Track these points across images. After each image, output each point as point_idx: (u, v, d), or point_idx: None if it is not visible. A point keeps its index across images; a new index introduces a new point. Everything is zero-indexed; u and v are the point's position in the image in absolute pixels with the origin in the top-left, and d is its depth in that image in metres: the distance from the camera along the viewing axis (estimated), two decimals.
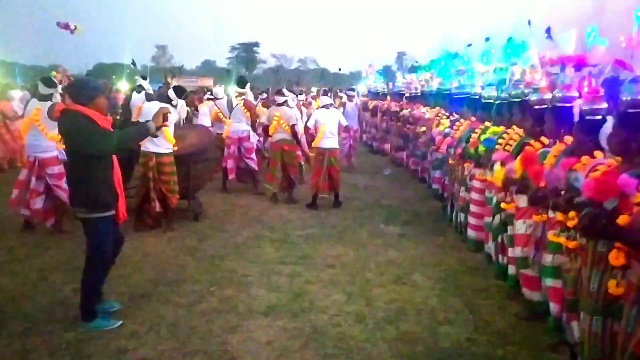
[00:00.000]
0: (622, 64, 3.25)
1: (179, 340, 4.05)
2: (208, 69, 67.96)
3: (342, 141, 11.24)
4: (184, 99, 7.99)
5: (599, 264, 2.80)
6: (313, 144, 8.60)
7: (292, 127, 8.51)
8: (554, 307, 3.77)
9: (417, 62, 14.12)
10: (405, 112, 11.20)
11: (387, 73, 17.28)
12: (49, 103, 6.33)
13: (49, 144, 6.39)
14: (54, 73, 11.00)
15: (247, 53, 78.20)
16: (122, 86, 14.48)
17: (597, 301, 2.79)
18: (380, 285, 5.19)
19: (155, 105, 6.29)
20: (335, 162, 8.47)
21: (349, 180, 10.17)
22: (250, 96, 9.86)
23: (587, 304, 2.86)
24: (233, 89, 10.62)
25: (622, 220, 2.47)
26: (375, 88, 17.80)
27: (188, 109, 10.17)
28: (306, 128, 8.85)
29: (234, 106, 9.37)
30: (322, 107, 8.87)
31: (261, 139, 10.21)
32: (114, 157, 4.21)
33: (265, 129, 8.88)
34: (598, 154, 3.22)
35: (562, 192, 3.24)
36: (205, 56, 74.83)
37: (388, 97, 15.02)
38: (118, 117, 10.80)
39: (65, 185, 6.25)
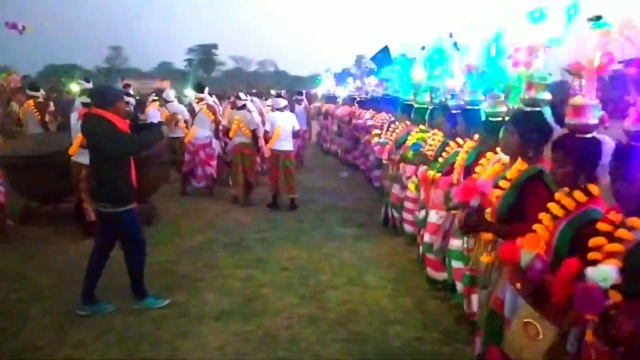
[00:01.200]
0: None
1: (128, 348, 3.99)
2: (165, 70, 66.82)
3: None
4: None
5: (486, 245, 3.27)
6: (268, 146, 8.67)
7: (253, 131, 8.62)
8: (460, 286, 4.12)
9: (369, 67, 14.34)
10: (359, 121, 11.39)
11: (342, 77, 17.42)
12: None
13: None
14: (3, 75, 10.64)
15: (205, 55, 77.36)
16: (74, 87, 14.12)
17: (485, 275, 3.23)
18: (333, 287, 5.24)
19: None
20: (290, 165, 8.59)
21: (305, 183, 10.21)
22: (209, 100, 9.82)
23: (479, 279, 3.36)
24: (192, 92, 10.55)
25: (488, 214, 3.13)
26: (329, 92, 17.99)
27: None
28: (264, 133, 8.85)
29: (196, 111, 9.33)
30: (277, 109, 8.92)
31: (222, 143, 10.17)
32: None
33: (226, 132, 8.89)
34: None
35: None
36: (161, 58, 73.46)
37: (339, 100, 15.20)
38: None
39: (1, 188, 6.34)
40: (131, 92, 9.64)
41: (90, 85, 9.84)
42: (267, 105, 11.49)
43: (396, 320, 4.52)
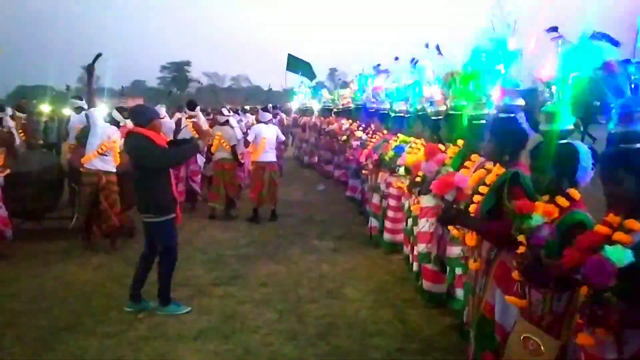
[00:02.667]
0: None
1: None
2: (138, 89, 66.19)
3: None
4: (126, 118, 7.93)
5: (472, 250, 3.30)
6: (252, 158, 8.83)
7: (233, 147, 8.76)
8: (461, 292, 4.12)
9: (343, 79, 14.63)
10: (332, 127, 11.52)
11: (317, 89, 17.59)
12: None
13: None
14: None
15: (178, 72, 76.85)
16: (45, 108, 13.90)
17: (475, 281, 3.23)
18: (312, 301, 5.22)
19: (104, 126, 6.78)
20: (275, 176, 8.77)
21: (282, 196, 10.12)
22: (201, 119, 9.84)
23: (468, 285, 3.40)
24: (172, 109, 10.57)
25: (471, 209, 3.16)
26: (305, 105, 18.14)
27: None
28: (247, 143, 9.02)
29: (181, 127, 9.32)
30: (261, 122, 9.09)
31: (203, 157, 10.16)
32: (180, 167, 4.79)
33: (207, 148, 8.94)
34: None
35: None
36: (134, 76, 72.61)
37: (315, 112, 15.32)
38: (41, 141, 10.41)
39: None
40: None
41: (83, 103, 9.83)
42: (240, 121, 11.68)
43: (376, 332, 4.51)
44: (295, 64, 18.76)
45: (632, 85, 2.24)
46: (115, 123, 6.97)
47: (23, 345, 4.31)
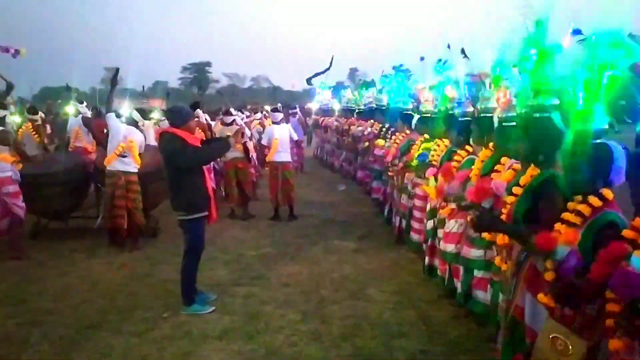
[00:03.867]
0: None
1: None
2: (160, 90, 66.90)
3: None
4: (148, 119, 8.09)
5: (501, 250, 3.29)
6: (267, 159, 8.91)
7: (244, 144, 8.85)
8: (485, 295, 4.18)
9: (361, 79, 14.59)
10: (354, 128, 11.45)
11: (337, 90, 17.54)
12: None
13: (3, 165, 6.52)
14: None
15: (199, 73, 77.52)
16: (69, 109, 14.11)
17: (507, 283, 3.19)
18: (335, 302, 5.20)
19: (121, 126, 7.00)
20: (289, 176, 8.79)
21: (303, 197, 10.18)
22: (202, 118, 9.89)
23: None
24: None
25: (504, 210, 3.11)
26: (326, 105, 18.08)
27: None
28: (262, 146, 9.20)
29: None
30: (273, 123, 9.13)
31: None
32: (204, 168, 5.05)
33: None
34: None
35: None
36: (156, 77, 73.43)
37: (336, 112, 15.27)
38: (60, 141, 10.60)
39: (21, 204, 6.66)
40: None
41: (84, 107, 10.03)
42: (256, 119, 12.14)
43: (400, 333, 4.48)
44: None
45: None
46: (134, 123, 7.17)
47: (50, 343, 4.37)
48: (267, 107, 19.31)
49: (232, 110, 9.54)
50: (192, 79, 76.69)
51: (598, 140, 2.54)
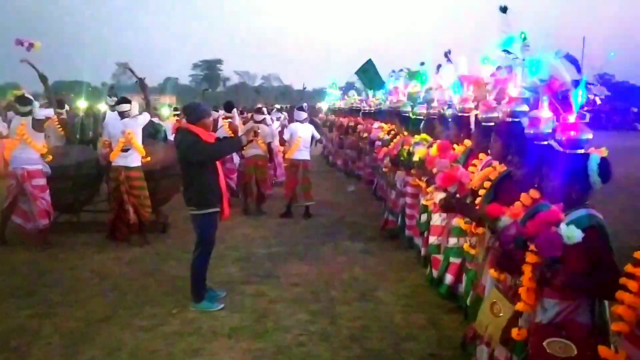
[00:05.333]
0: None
1: None
2: (170, 86, 67.15)
3: None
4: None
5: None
6: (286, 156, 9.10)
7: (269, 144, 9.10)
8: (450, 278, 4.79)
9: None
10: (360, 127, 11.54)
11: (347, 90, 17.59)
12: (30, 117, 6.79)
13: (35, 156, 6.75)
14: (14, 92, 10.79)
15: (210, 70, 77.77)
16: (81, 104, 14.20)
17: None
18: (345, 303, 5.19)
19: (118, 121, 7.07)
20: (308, 173, 8.98)
21: (313, 196, 10.15)
22: (236, 120, 10.07)
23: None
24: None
25: (477, 202, 3.60)
26: (334, 105, 18.17)
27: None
28: (282, 142, 9.38)
29: (218, 127, 9.51)
30: (296, 121, 9.30)
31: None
32: (218, 164, 5.10)
33: None
34: None
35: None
36: (167, 73, 73.73)
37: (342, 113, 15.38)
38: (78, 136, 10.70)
39: (48, 198, 6.83)
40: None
41: (113, 101, 10.18)
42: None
43: (410, 336, 4.46)
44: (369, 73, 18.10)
45: None
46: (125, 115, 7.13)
47: (61, 336, 4.40)
48: (277, 106, 19.33)
49: (263, 109, 9.78)
50: (203, 76, 76.93)
51: (544, 143, 2.82)
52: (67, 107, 11.44)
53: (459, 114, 4.89)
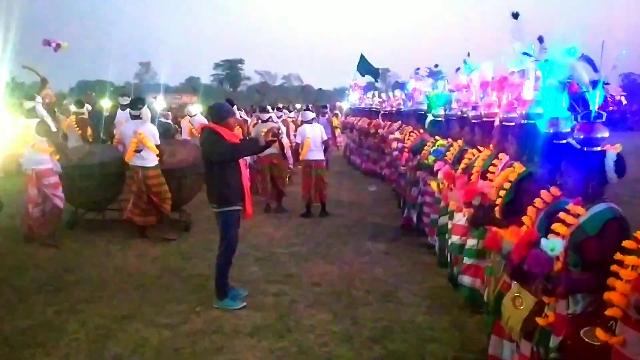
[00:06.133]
0: None
1: None
2: (192, 85, 67.78)
3: None
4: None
5: None
6: (300, 157, 9.18)
7: (280, 141, 8.88)
8: (470, 280, 4.68)
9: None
10: (381, 129, 11.53)
11: (366, 90, 17.57)
12: (35, 120, 6.80)
13: (43, 157, 6.79)
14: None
15: (231, 70, 78.21)
16: (104, 103, 14.41)
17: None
18: (367, 304, 5.18)
19: (129, 123, 7.30)
20: (322, 173, 9.04)
21: (333, 197, 10.16)
22: (237, 115, 10.10)
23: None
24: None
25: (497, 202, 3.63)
26: (355, 105, 18.15)
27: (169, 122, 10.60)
28: (296, 145, 9.41)
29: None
30: (305, 122, 9.38)
31: None
32: (242, 163, 5.18)
33: None
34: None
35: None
36: (189, 73, 74.47)
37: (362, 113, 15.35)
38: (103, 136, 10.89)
39: (61, 194, 6.94)
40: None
41: (126, 100, 10.35)
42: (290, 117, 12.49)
43: (433, 338, 4.43)
44: (364, 66, 18.29)
45: None
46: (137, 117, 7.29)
47: (87, 332, 4.47)
48: (298, 106, 19.38)
49: (268, 107, 9.78)
50: (225, 76, 77.42)
51: (563, 141, 2.86)
52: (88, 106, 11.63)
53: (484, 119, 4.83)
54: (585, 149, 2.61)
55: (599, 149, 2.61)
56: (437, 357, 4.12)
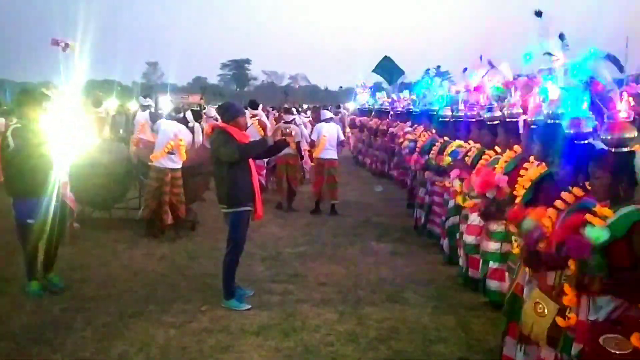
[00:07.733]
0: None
1: None
2: (199, 85, 67.99)
3: None
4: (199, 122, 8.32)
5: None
6: (314, 155, 9.36)
7: (297, 143, 9.26)
8: (498, 285, 4.69)
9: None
10: (392, 129, 11.53)
11: (375, 90, 17.55)
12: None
13: None
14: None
15: (238, 70, 78.42)
16: (111, 103, 14.45)
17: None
18: (372, 304, 5.17)
19: (171, 125, 7.31)
20: (334, 172, 9.14)
21: (340, 197, 10.10)
22: (263, 117, 10.31)
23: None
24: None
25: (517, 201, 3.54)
26: (364, 105, 18.13)
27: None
28: (312, 142, 9.63)
29: (247, 126, 9.67)
30: (322, 120, 9.52)
31: None
32: (252, 164, 5.16)
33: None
34: None
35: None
36: (196, 73, 74.68)
37: (372, 113, 15.32)
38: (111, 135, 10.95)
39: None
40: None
41: (149, 101, 10.55)
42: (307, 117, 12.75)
43: (439, 339, 4.41)
44: (387, 67, 17.51)
45: None
46: (185, 122, 7.47)
47: (93, 330, 4.48)
48: (305, 106, 19.39)
49: (293, 109, 10.00)
50: (231, 76, 77.63)
51: (584, 142, 2.90)
52: (104, 105, 11.71)
53: (507, 119, 4.73)
54: (613, 149, 2.56)
55: (627, 149, 2.55)
56: (443, 358, 4.12)
